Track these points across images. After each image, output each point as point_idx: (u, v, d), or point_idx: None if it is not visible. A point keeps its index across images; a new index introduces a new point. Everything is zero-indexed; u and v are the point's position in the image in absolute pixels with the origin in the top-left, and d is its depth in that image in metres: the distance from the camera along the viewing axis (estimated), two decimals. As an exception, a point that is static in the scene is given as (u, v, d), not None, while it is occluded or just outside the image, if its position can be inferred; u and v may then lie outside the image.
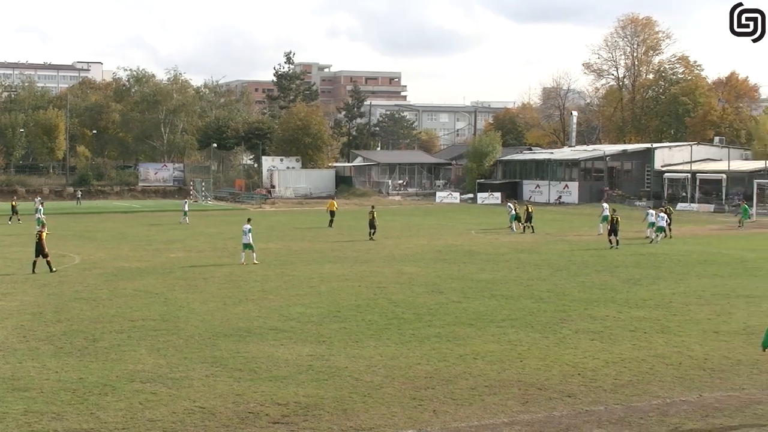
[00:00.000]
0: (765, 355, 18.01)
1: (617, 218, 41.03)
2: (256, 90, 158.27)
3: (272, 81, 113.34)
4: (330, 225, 52.66)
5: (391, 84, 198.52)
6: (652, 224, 45.45)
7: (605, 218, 45.80)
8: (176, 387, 15.97)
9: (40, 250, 31.80)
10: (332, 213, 53.87)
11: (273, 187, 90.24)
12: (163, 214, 66.39)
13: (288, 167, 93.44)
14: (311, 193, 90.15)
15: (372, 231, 44.89)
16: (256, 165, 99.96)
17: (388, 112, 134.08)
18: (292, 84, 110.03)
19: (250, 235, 34.46)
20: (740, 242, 43.51)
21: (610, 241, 40.38)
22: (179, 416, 14.26)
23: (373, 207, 48.06)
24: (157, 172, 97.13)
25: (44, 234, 32.41)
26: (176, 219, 59.22)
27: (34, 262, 31.81)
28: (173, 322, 22.04)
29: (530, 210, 50.46)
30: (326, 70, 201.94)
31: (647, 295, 26.49)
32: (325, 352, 18.71)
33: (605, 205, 49.04)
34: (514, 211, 50.51)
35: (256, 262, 34.26)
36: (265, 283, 28.95)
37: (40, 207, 55.85)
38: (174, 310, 23.90)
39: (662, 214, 45.16)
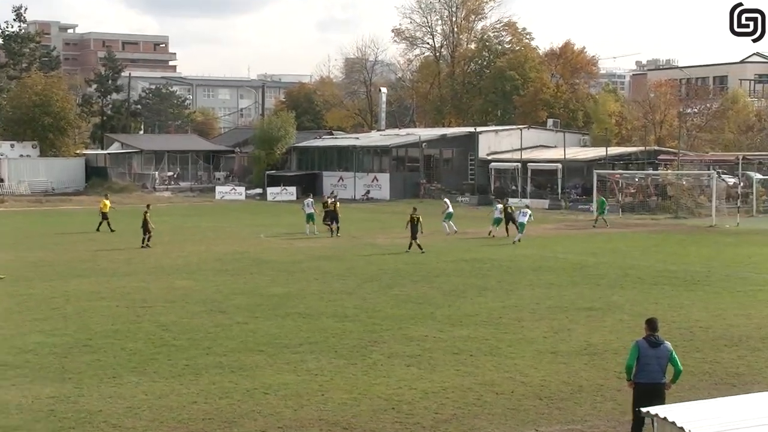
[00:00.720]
0: (610, 380, 18.89)
1: (418, 218, 42.00)
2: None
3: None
4: (98, 229, 51.06)
5: (157, 51, 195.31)
6: (499, 221, 47.07)
7: (497, 221, 48.44)
8: None
9: None
10: (104, 215, 52.01)
11: (1, 180, 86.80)
12: None
13: (22, 155, 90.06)
14: (53, 188, 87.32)
15: (146, 236, 43.91)
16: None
17: (154, 86, 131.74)
18: (25, 48, 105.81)
19: None
20: (579, 244, 45.52)
21: (419, 246, 41.23)
22: None
23: (148, 206, 46.97)
24: None
25: None
26: None
27: None
28: None
29: (334, 206, 50.65)
30: (70, 31, 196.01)
31: (473, 309, 27.20)
32: (73, 393, 18.12)
33: (499, 206, 50.27)
34: (311, 208, 50.64)
35: (-21, 278, 32.82)
36: (-8, 306, 27.76)
37: None
38: None
39: (525, 210, 47.09)
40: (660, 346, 14.62)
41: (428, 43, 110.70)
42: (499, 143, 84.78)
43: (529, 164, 77.27)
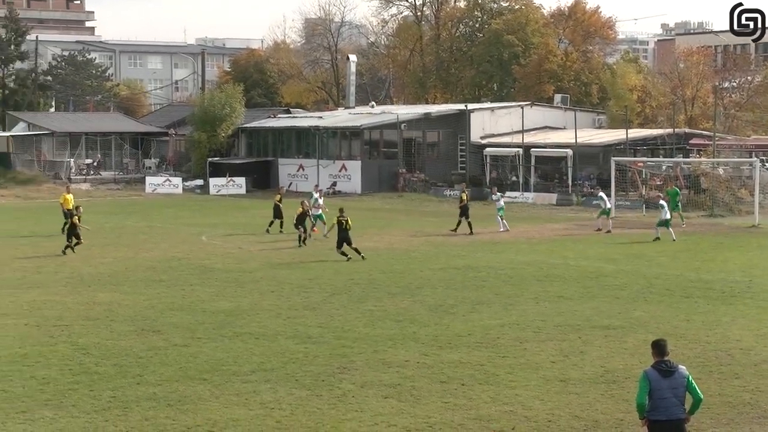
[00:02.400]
0: (631, 413, 18.98)
1: (346, 220, 41.68)
2: None
3: None
4: (63, 230, 50.36)
5: (70, 8, 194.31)
6: (664, 223, 48.10)
7: (606, 212, 52.70)
8: None
9: None
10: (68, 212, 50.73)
11: None
12: None
13: None
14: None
15: (72, 243, 43.59)
16: None
17: (67, 53, 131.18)
18: None
19: None
20: (594, 248, 45.64)
21: (343, 253, 41.00)
22: None
23: (77, 209, 46.36)
24: None
25: None
26: None
27: None
28: None
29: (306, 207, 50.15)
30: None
31: (464, 328, 27.30)
32: (-26, 432, 18.13)
33: (602, 194, 53.82)
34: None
35: None
36: None
37: None
38: None
39: (661, 201, 49.64)
40: (674, 374, 14.70)
41: (408, 1, 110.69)
42: (495, 124, 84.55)
43: (532, 150, 77.00)
